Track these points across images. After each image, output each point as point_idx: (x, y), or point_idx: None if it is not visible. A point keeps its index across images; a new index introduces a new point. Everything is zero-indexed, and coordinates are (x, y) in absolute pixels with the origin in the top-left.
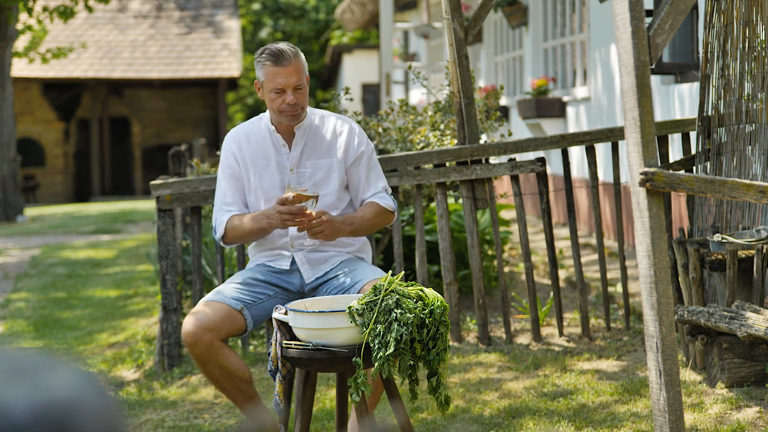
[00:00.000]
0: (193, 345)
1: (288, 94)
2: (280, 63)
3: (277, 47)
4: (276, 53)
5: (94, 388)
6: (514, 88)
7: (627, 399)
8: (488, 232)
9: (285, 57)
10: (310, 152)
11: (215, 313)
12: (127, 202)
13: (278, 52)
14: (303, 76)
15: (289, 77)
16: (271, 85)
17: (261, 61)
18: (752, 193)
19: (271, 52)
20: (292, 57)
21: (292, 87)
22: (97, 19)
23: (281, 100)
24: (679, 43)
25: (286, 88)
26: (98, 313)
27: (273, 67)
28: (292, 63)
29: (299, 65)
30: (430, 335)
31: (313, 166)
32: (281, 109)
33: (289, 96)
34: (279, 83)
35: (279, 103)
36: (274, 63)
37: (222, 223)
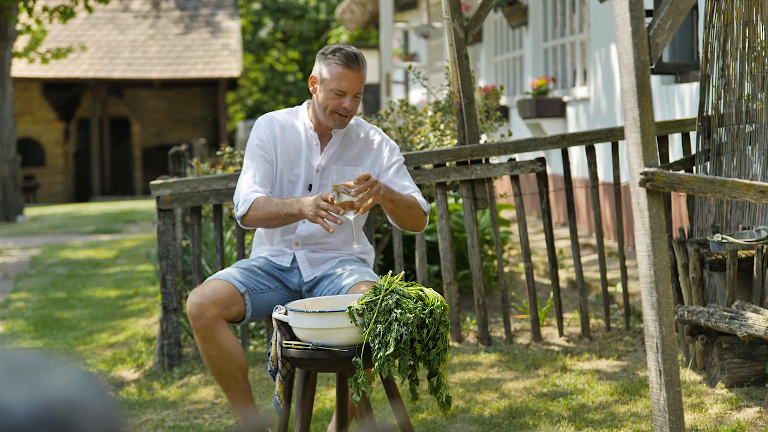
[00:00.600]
0: (197, 317)
1: (347, 98)
2: (350, 67)
3: (352, 50)
4: (350, 56)
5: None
6: (514, 88)
7: (627, 399)
8: (488, 232)
9: (357, 62)
10: (338, 157)
11: (222, 290)
12: (127, 202)
13: (352, 55)
14: (363, 84)
15: (354, 83)
16: (334, 85)
17: (331, 59)
18: (752, 193)
19: (346, 54)
20: (362, 66)
21: (354, 93)
22: (97, 19)
23: (339, 102)
24: (679, 43)
25: (348, 92)
26: (98, 313)
27: (343, 69)
28: (361, 71)
29: (364, 74)
30: (430, 335)
31: (339, 172)
32: (335, 110)
33: (347, 101)
34: (343, 86)
35: (335, 104)
36: (345, 65)
37: (248, 202)
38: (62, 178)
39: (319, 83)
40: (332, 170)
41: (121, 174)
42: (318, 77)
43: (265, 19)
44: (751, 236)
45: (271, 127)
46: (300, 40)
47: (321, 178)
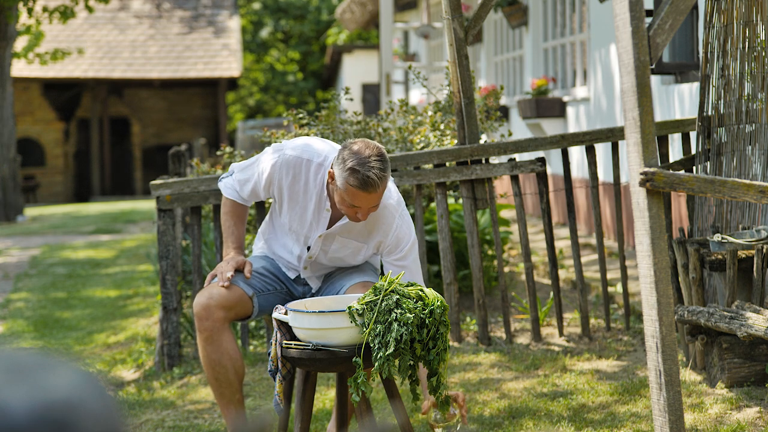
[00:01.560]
0: (204, 318)
1: (360, 212)
2: (366, 190)
3: (369, 175)
4: (366, 181)
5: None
6: (514, 88)
7: (627, 399)
8: (488, 232)
9: (371, 185)
10: (346, 230)
11: (231, 293)
12: (127, 202)
13: (367, 180)
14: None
15: (368, 203)
16: (348, 199)
17: (346, 177)
18: (752, 193)
19: (361, 179)
20: (378, 185)
21: (369, 207)
22: (97, 19)
23: (353, 211)
24: (679, 43)
25: (362, 207)
26: (98, 313)
27: (357, 191)
28: (377, 192)
29: (383, 191)
30: (430, 335)
31: (342, 243)
32: (349, 217)
33: (361, 215)
34: (357, 203)
35: (349, 212)
36: (358, 188)
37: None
38: (62, 178)
39: (335, 184)
40: (335, 239)
41: (121, 174)
42: (334, 178)
43: (265, 19)
44: (751, 236)
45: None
46: (300, 40)
47: (323, 245)
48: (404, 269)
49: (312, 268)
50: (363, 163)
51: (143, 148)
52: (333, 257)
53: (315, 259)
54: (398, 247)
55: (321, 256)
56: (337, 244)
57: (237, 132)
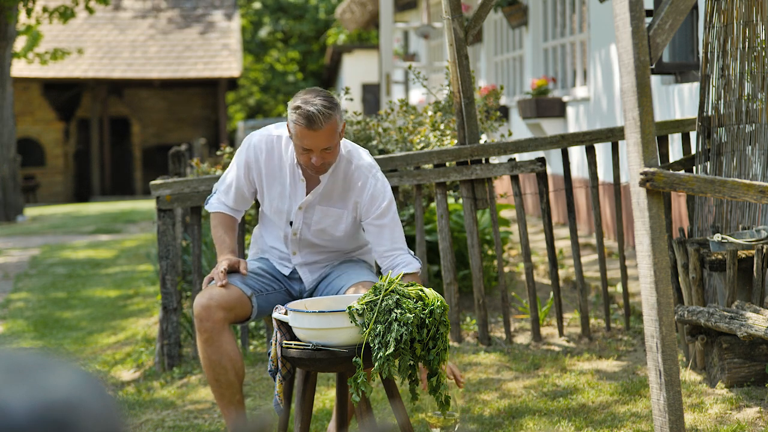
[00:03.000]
0: (204, 319)
1: (314, 156)
2: (311, 127)
3: (310, 109)
4: (309, 116)
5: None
6: (514, 88)
7: (627, 399)
8: (488, 232)
9: (316, 121)
10: (322, 197)
11: (230, 294)
12: (127, 202)
13: (310, 116)
14: (335, 136)
15: (317, 141)
16: (298, 143)
17: (292, 117)
18: (752, 193)
19: (305, 114)
20: (324, 122)
21: (321, 149)
22: (97, 19)
23: (307, 158)
24: (679, 43)
25: (314, 150)
26: (98, 313)
27: (303, 129)
28: (324, 128)
29: (332, 127)
30: (430, 335)
31: (323, 212)
32: (307, 166)
33: (315, 158)
34: (306, 144)
35: (305, 160)
36: (305, 126)
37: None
38: (62, 178)
39: (290, 134)
40: (315, 210)
41: (121, 174)
42: (288, 128)
43: (265, 19)
44: (751, 236)
45: (257, 148)
46: (300, 40)
47: (304, 217)
48: (384, 228)
49: (301, 253)
50: (307, 101)
51: (143, 148)
52: (316, 230)
53: (300, 236)
54: (374, 204)
55: (305, 230)
56: (318, 213)
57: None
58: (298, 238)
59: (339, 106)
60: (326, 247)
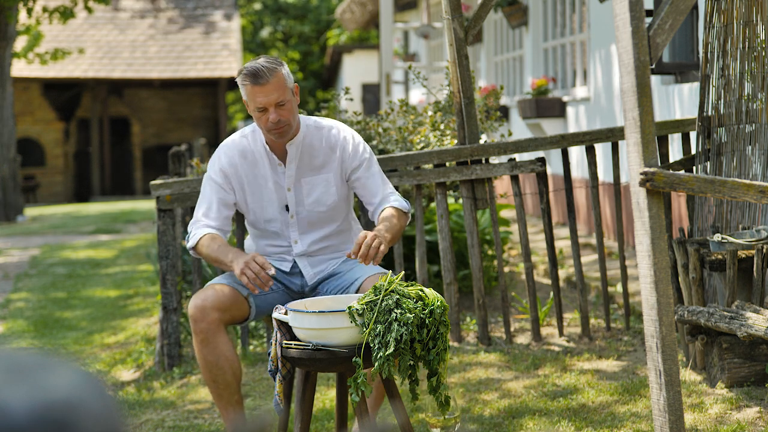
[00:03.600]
0: (199, 320)
1: (270, 112)
2: (257, 82)
3: (253, 66)
4: (253, 72)
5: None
6: (514, 88)
7: (627, 399)
8: (488, 232)
9: (261, 75)
10: (305, 169)
11: (225, 295)
12: (127, 202)
13: (255, 71)
14: (286, 91)
15: (268, 95)
16: (252, 104)
17: (240, 81)
18: (752, 193)
19: (248, 72)
20: (269, 74)
21: (274, 104)
22: (96, 19)
23: (265, 118)
24: (679, 43)
25: (267, 106)
26: (98, 313)
27: (252, 87)
28: (270, 81)
29: (280, 81)
30: (430, 335)
31: (311, 183)
32: (267, 127)
33: (272, 114)
34: (259, 102)
35: (264, 122)
36: (252, 82)
37: (196, 237)
38: (62, 178)
39: (246, 105)
40: (303, 184)
41: (121, 174)
42: (244, 100)
43: (265, 19)
44: (751, 236)
45: (229, 156)
46: (300, 40)
47: (296, 196)
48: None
49: (302, 239)
50: (251, 62)
51: (143, 148)
52: (311, 202)
53: (297, 216)
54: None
55: (301, 209)
56: (307, 186)
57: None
58: (296, 220)
59: (285, 65)
60: (325, 223)
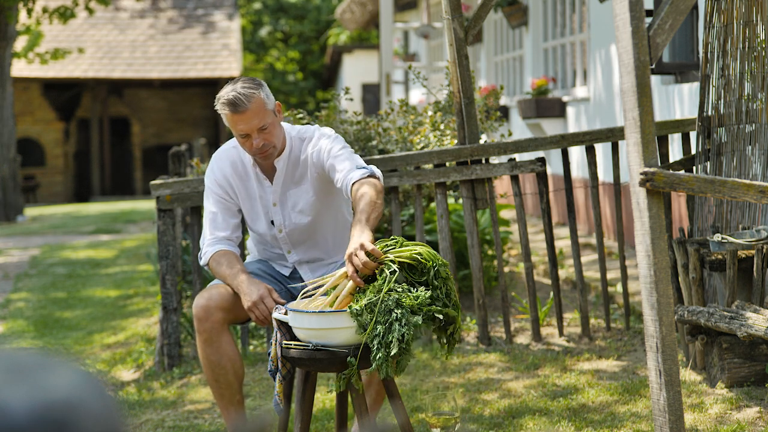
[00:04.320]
0: (204, 319)
1: (254, 137)
2: (236, 110)
3: (231, 94)
4: (231, 102)
5: (94, 388)
6: (514, 88)
7: (627, 399)
8: (488, 232)
9: (239, 103)
10: (289, 182)
11: (229, 295)
12: (127, 202)
13: (232, 100)
14: (266, 114)
15: (249, 122)
16: (234, 131)
17: (219, 109)
18: (752, 193)
19: (226, 101)
20: (246, 101)
21: (255, 130)
22: (97, 19)
23: (249, 143)
24: (679, 43)
25: (249, 132)
26: (98, 313)
27: (231, 115)
28: (249, 108)
29: (259, 106)
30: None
31: (295, 195)
32: (252, 152)
33: (255, 140)
34: (241, 129)
35: (248, 146)
36: (231, 111)
37: (207, 255)
38: (62, 178)
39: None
40: (287, 197)
41: (121, 174)
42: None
43: (265, 19)
44: (751, 236)
45: (222, 168)
46: (300, 40)
47: (281, 210)
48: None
49: (295, 250)
50: (227, 90)
51: (143, 148)
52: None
53: (286, 229)
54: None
55: (288, 222)
56: (292, 198)
57: None
58: (284, 234)
59: (263, 86)
60: (315, 232)
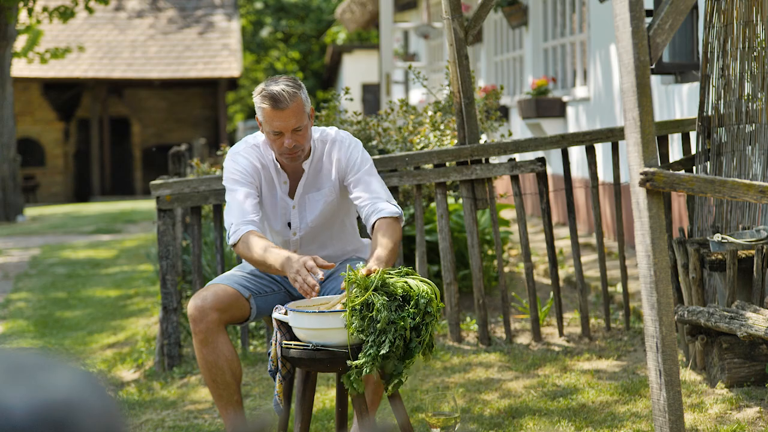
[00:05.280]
0: (199, 320)
1: (286, 137)
2: (277, 106)
3: (273, 90)
4: (273, 96)
5: (94, 388)
6: (514, 88)
7: (627, 399)
8: (488, 232)
9: (281, 100)
10: (311, 186)
11: (225, 295)
12: (127, 202)
13: (275, 95)
14: (303, 116)
15: (286, 121)
16: (268, 127)
17: (258, 102)
18: (752, 193)
19: (268, 95)
20: (289, 100)
21: (290, 130)
22: (97, 19)
23: (280, 142)
24: (679, 43)
25: (284, 131)
26: (98, 313)
27: (271, 110)
28: (290, 106)
29: (299, 106)
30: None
31: (311, 200)
32: (281, 151)
33: (287, 140)
34: (276, 126)
35: (278, 145)
36: (271, 106)
37: (238, 234)
38: (62, 178)
39: (259, 124)
40: (306, 200)
41: (121, 174)
42: (258, 119)
43: (266, 19)
44: (751, 236)
45: (249, 158)
46: (301, 40)
47: (299, 213)
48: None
49: (302, 251)
50: (269, 83)
51: (143, 148)
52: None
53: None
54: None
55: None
56: (310, 203)
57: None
58: (298, 237)
59: (303, 87)
60: (324, 236)
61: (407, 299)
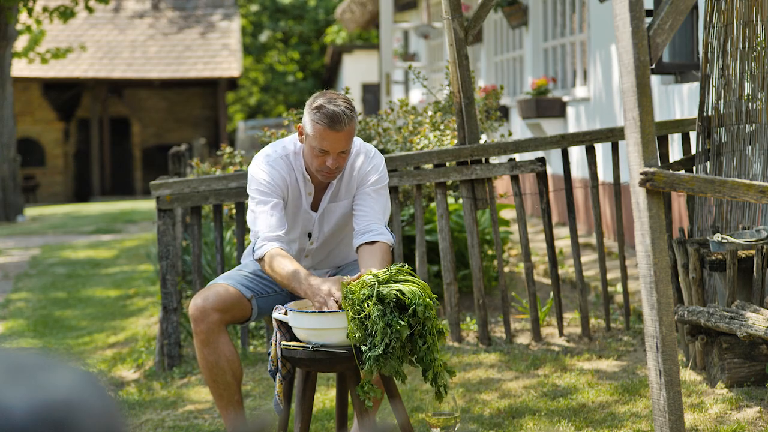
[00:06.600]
0: (200, 320)
1: (330, 158)
2: (333, 127)
3: (333, 110)
4: (332, 117)
5: (94, 388)
6: (514, 88)
7: (627, 399)
8: (488, 232)
9: (339, 122)
10: (334, 197)
11: (227, 295)
12: (127, 202)
13: (334, 116)
14: (351, 141)
15: (337, 142)
16: (316, 143)
17: (313, 116)
18: (752, 193)
19: (329, 114)
20: (347, 122)
21: (338, 152)
22: (97, 19)
23: (322, 160)
24: (679, 43)
25: (331, 152)
26: (98, 313)
27: (325, 129)
28: (345, 129)
29: (352, 131)
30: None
31: (331, 210)
32: (321, 169)
33: (331, 160)
34: (325, 146)
35: (319, 162)
36: (328, 126)
37: (263, 249)
38: (62, 178)
39: (305, 135)
40: (327, 211)
41: (121, 174)
42: (303, 129)
43: (264, 20)
44: (751, 236)
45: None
46: (300, 41)
47: (319, 223)
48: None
49: (312, 256)
50: (330, 101)
51: (143, 148)
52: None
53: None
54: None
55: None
56: (329, 213)
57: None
58: (314, 246)
59: (356, 112)
60: (335, 241)
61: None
